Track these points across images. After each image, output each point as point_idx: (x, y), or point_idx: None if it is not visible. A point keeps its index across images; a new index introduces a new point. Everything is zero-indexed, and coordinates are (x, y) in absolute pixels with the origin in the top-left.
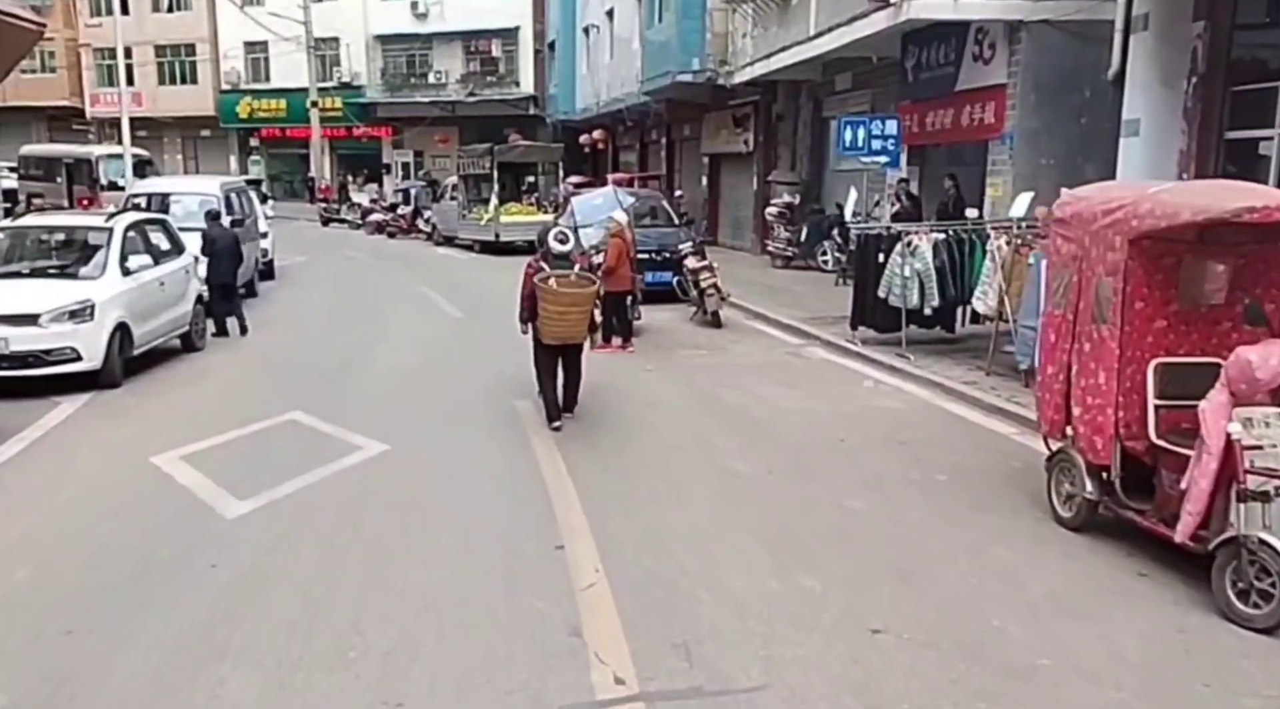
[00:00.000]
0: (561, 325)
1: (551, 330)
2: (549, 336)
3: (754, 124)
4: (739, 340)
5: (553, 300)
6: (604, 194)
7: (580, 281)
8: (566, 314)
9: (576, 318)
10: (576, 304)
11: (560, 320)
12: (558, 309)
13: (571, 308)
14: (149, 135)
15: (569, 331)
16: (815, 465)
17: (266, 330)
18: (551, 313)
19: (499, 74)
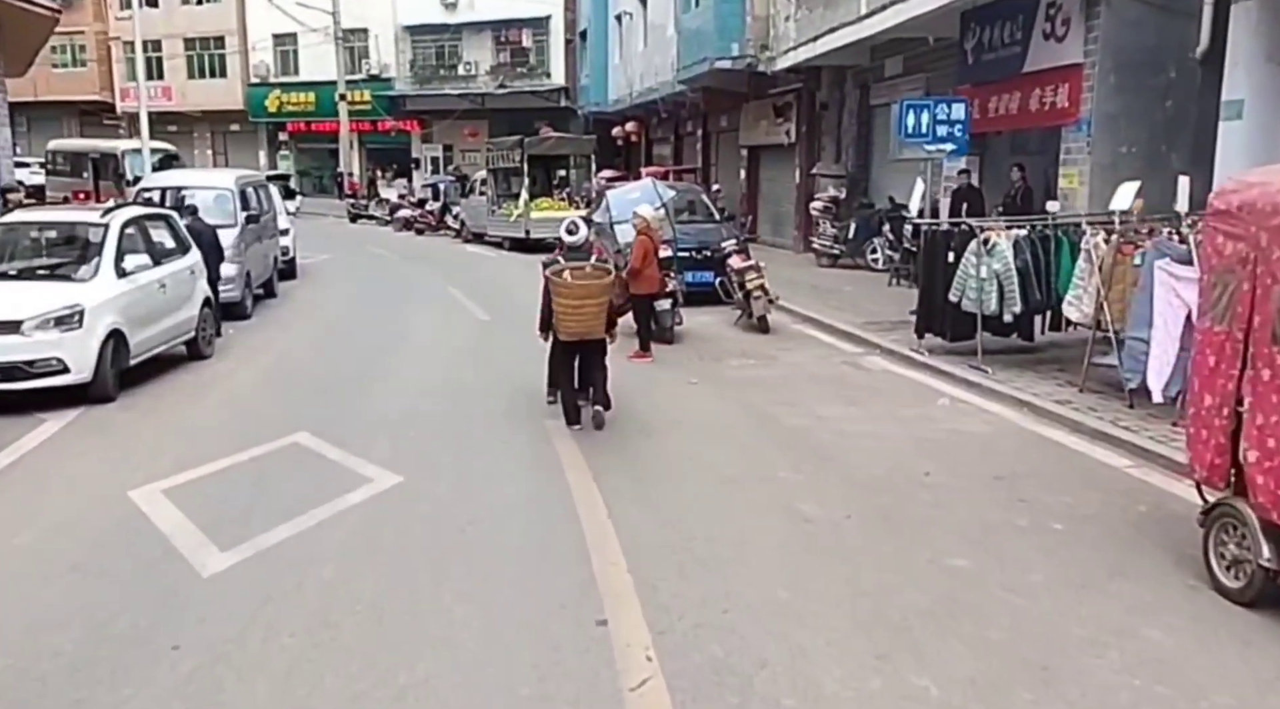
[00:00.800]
0: (577, 320)
1: (567, 326)
2: (565, 333)
3: (796, 114)
4: (790, 348)
5: (566, 294)
6: (641, 187)
7: (594, 272)
8: (581, 307)
9: (592, 311)
10: (590, 296)
11: (575, 315)
12: (571, 303)
13: (586, 300)
14: (179, 130)
15: (585, 326)
16: (900, 508)
17: (281, 334)
18: (566, 307)
19: (529, 65)
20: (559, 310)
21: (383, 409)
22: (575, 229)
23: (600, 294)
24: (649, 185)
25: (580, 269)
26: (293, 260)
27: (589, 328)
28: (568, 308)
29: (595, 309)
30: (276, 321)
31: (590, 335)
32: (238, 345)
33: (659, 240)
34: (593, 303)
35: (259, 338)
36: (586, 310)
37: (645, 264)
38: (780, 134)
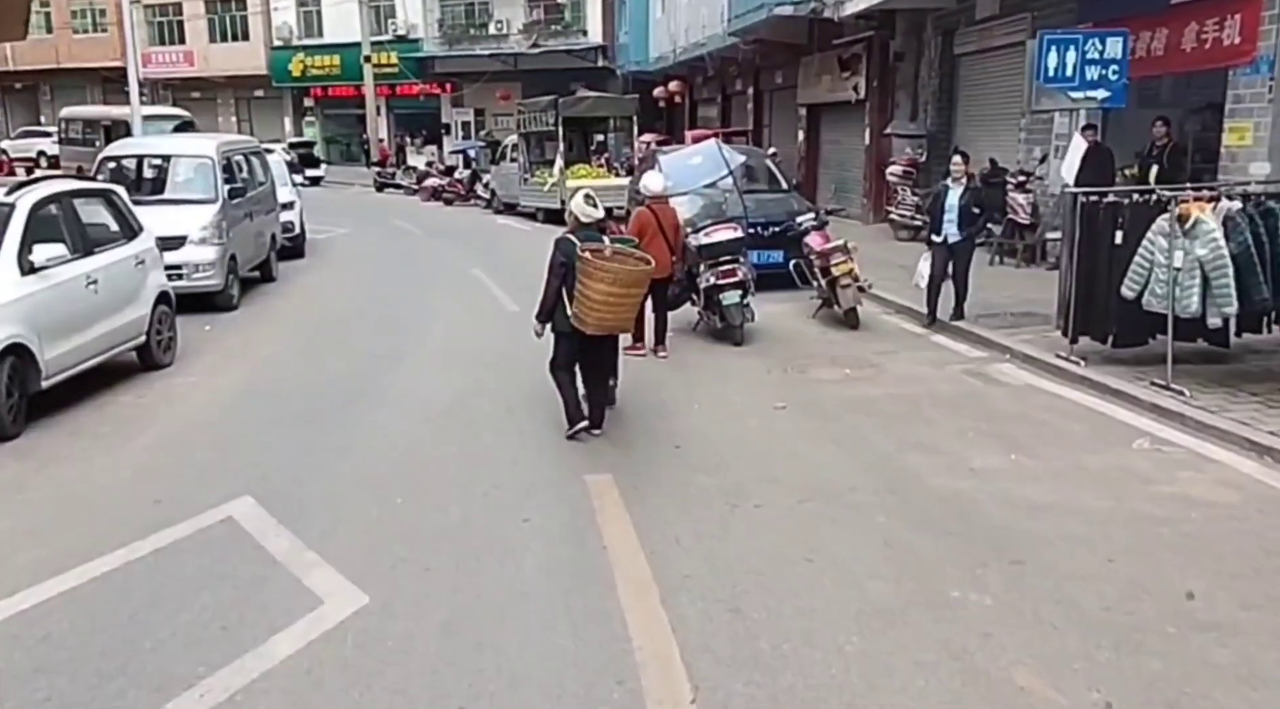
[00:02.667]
0: (614, 313)
1: (598, 317)
2: (593, 325)
3: (865, 67)
4: (893, 351)
5: (608, 279)
6: (704, 152)
7: (639, 258)
8: (625, 298)
9: (631, 304)
10: (637, 284)
11: (612, 306)
12: (614, 291)
13: (631, 290)
14: (202, 97)
15: (618, 320)
16: (1175, 675)
17: (267, 333)
18: (603, 295)
19: (564, 23)
20: (591, 297)
21: (367, 455)
22: (595, 202)
23: (642, 286)
24: (713, 149)
25: (628, 254)
26: (299, 237)
27: (621, 323)
28: (606, 297)
29: (634, 302)
30: (266, 314)
31: (619, 330)
32: (209, 348)
33: (672, 215)
34: (636, 294)
35: (238, 337)
36: (627, 302)
37: (647, 243)
38: (846, 90)
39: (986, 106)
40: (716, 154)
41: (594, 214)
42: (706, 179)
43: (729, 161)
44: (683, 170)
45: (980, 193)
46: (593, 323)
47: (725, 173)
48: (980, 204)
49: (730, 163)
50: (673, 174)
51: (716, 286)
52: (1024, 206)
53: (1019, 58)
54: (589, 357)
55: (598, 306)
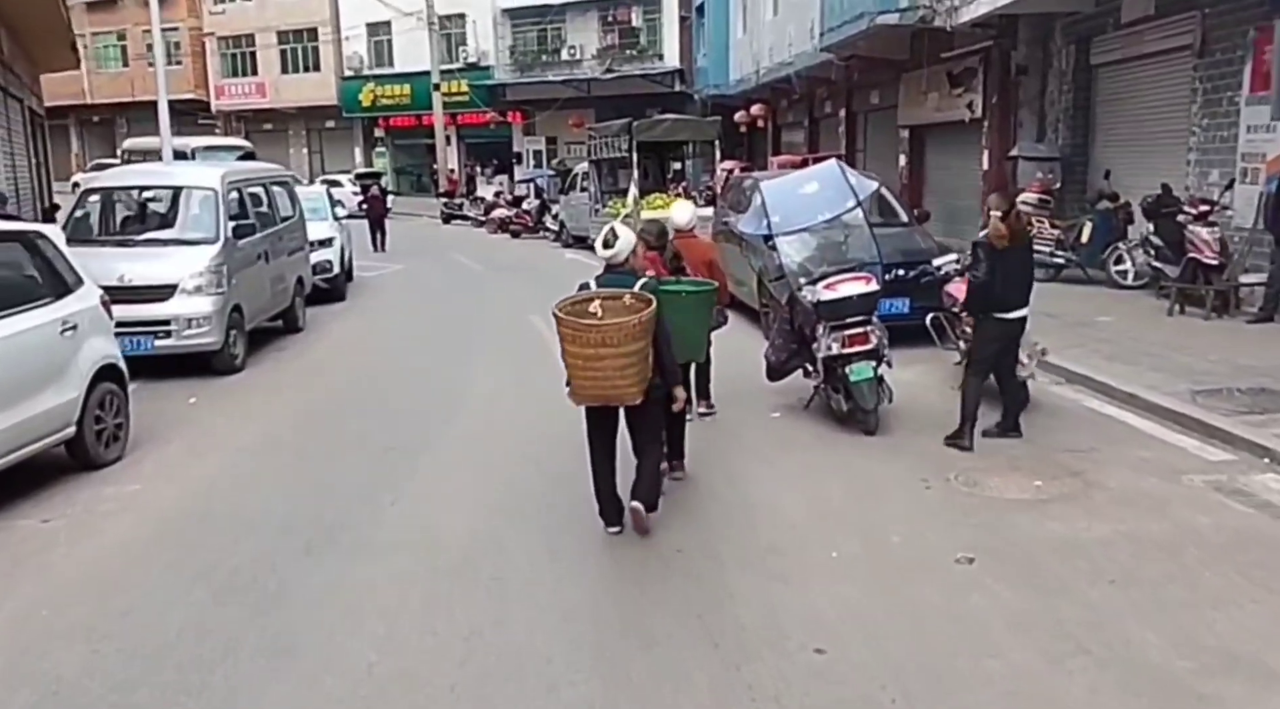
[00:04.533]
0: (590, 377)
1: (579, 384)
2: (580, 394)
3: (983, 81)
4: (1093, 450)
5: (573, 337)
6: (822, 176)
7: (628, 304)
8: (597, 359)
9: (613, 364)
10: (607, 343)
11: (589, 370)
12: (581, 351)
13: (602, 350)
14: (274, 128)
15: (602, 388)
16: None
17: (264, 408)
18: (575, 357)
19: (640, 46)
20: (569, 362)
21: (322, 670)
22: (611, 239)
23: (627, 340)
24: (834, 172)
25: (615, 298)
26: (337, 277)
27: (609, 390)
28: (580, 359)
29: (619, 362)
30: (271, 380)
31: (614, 401)
32: (179, 433)
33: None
34: (612, 354)
35: (222, 416)
36: (603, 365)
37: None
38: (958, 108)
39: (1134, 124)
40: (839, 179)
41: (607, 255)
42: (826, 213)
43: (857, 189)
44: (792, 201)
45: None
46: (576, 390)
47: (853, 204)
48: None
49: (859, 191)
50: (779, 206)
51: (842, 357)
52: (1209, 243)
53: (1181, 65)
54: (629, 422)
55: (574, 371)
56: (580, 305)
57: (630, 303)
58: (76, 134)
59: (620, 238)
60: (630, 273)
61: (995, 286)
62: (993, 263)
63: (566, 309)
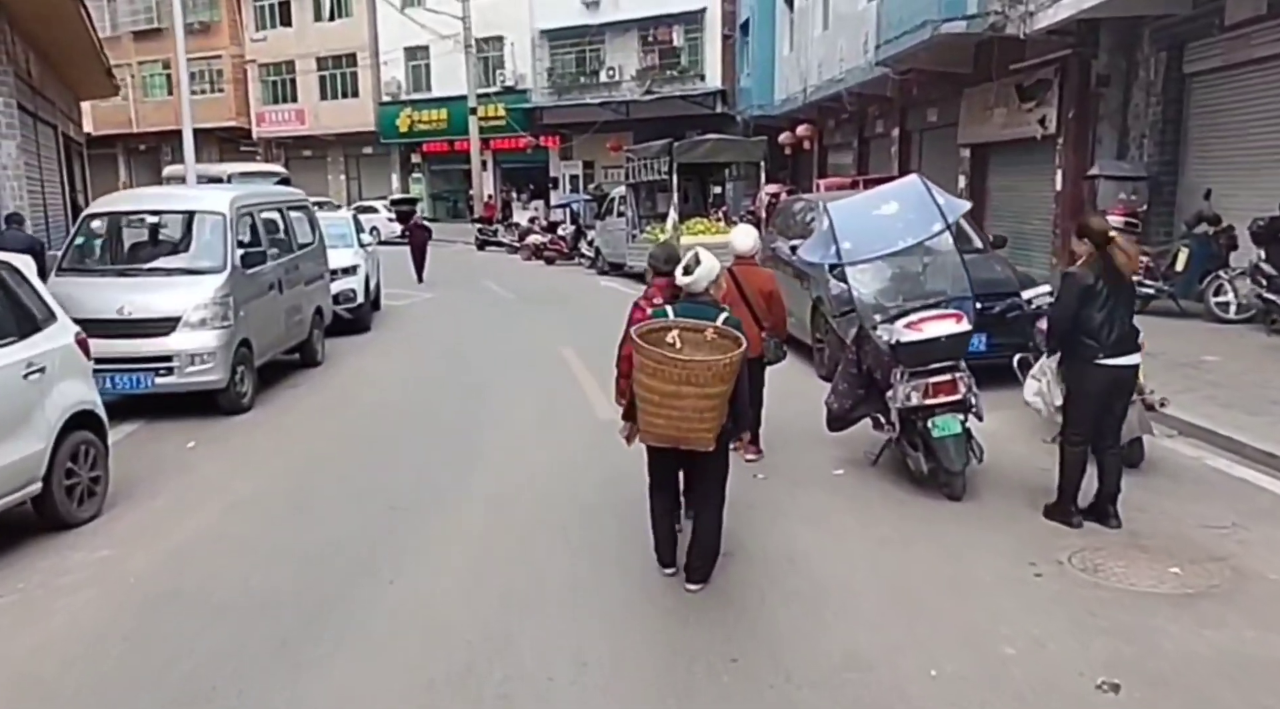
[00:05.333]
0: (666, 416)
1: (651, 422)
2: (648, 432)
3: (1059, 94)
4: (1238, 528)
5: (655, 370)
6: (902, 195)
7: (718, 340)
8: (677, 398)
9: (694, 405)
10: (693, 381)
11: (666, 408)
12: (662, 387)
13: (683, 387)
14: (313, 155)
15: (678, 428)
16: None
17: (262, 454)
18: (653, 392)
19: (680, 67)
20: (641, 395)
21: None
22: (691, 266)
23: (714, 381)
24: (916, 190)
25: (696, 330)
26: (362, 307)
27: (685, 432)
28: (655, 394)
29: (700, 403)
30: (280, 420)
31: (686, 443)
32: (169, 484)
33: (761, 280)
34: (694, 393)
35: (221, 462)
36: (683, 403)
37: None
38: (1028, 124)
39: (1236, 139)
40: (923, 198)
41: (688, 283)
42: (907, 238)
43: (945, 210)
44: (866, 224)
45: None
46: (646, 428)
47: (940, 228)
48: None
49: (948, 211)
50: (850, 230)
51: (923, 408)
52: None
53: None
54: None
55: (648, 408)
56: (657, 333)
57: (712, 338)
58: (124, 162)
59: (702, 264)
60: (712, 304)
61: (1100, 323)
62: (1095, 296)
63: (645, 336)
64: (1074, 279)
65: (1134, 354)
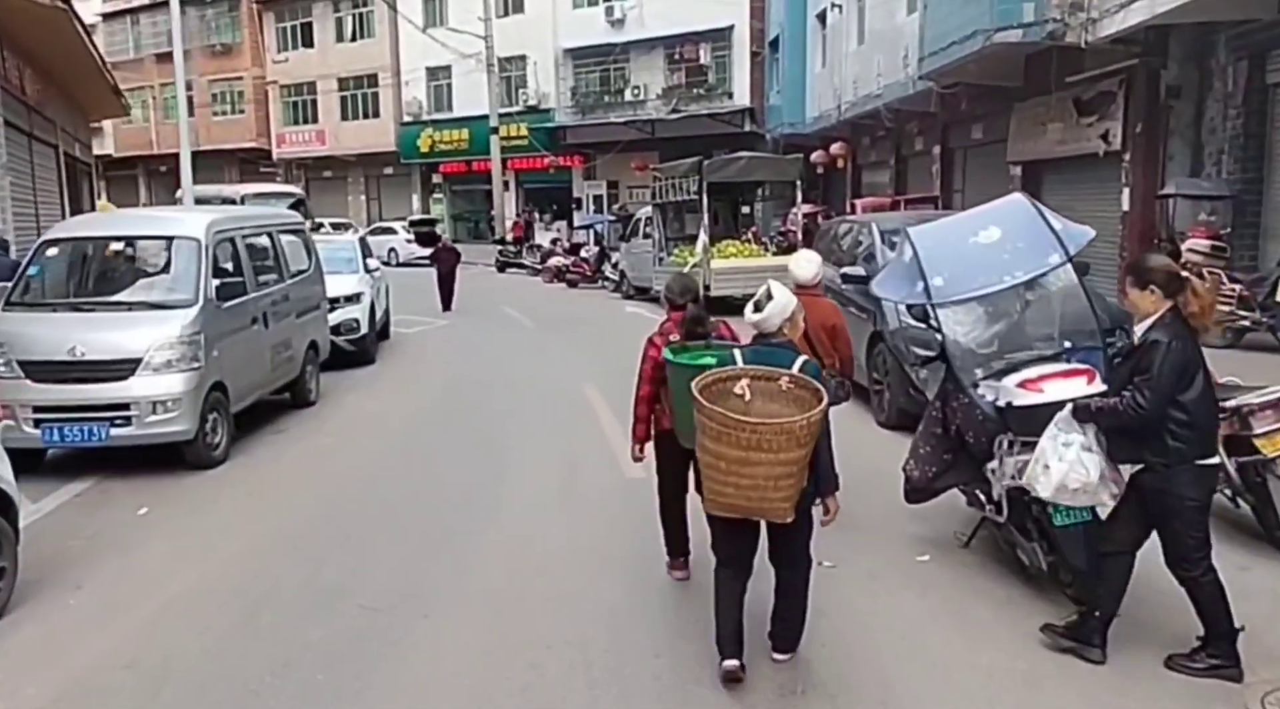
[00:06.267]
0: (732, 484)
1: (717, 492)
2: (714, 502)
3: (1124, 107)
4: None
5: (718, 433)
6: (1004, 217)
7: (791, 392)
8: (745, 463)
9: (766, 472)
10: (764, 447)
11: (733, 476)
12: (726, 451)
13: (754, 453)
14: (334, 176)
15: (748, 498)
16: None
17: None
18: (717, 457)
19: (708, 85)
20: (706, 461)
21: None
22: (761, 303)
23: (790, 445)
24: (1025, 212)
25: (769, 379)
26: (364, 338)
27: (757, 502)
28: (722, 461)
29: (775, 470)
30: (256, 478)
31: (759, 515)
32: (100, 569)
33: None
34: (768, 460)
35: (173, 539)
36: (755, 471)
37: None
38: (1089, 140)
39: None
40: (1034, 223)
41: (759, 320)
42: (1015, 272)
43: (1064, 238)
44: (960, 253)
45: None
46: (713, 498)
47: (1058, 260)
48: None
49: (1068, 240)
50: (942, 261)
51: None
52: None
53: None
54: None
55: (714, 474)
56: (723, 383)
57: (788, 387)
58: (145, 183)
59: (774, 299)
60: (787, 346)
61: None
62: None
63: (707, 389)
64: (1173, 353)
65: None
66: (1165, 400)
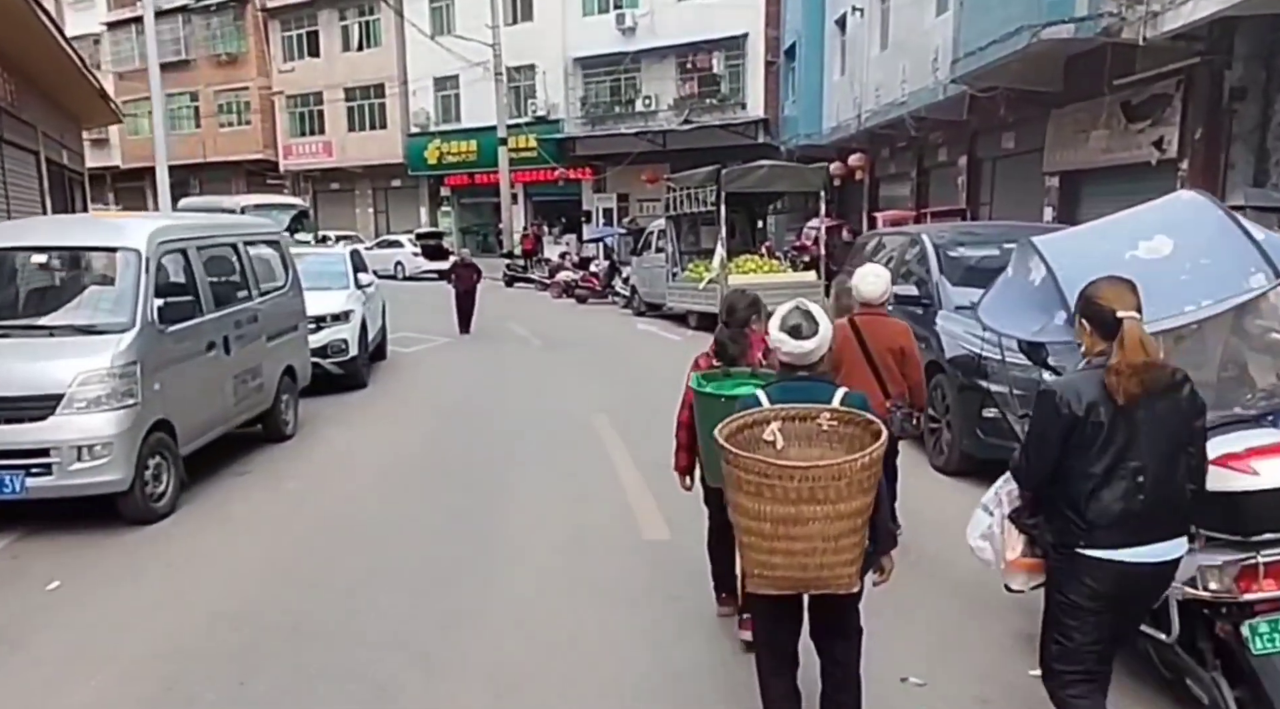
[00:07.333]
0: (784, 550)
1: (764, 565)
2: (762, 579)
3: (1181, 111)
4: None
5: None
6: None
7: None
8: (797, 523)
9: (823, 530)
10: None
11: (782, 541)
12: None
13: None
14: (341, 188)
15: (805, 567)
16: None
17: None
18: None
19: (720, 95)
20: (745, 526)
21: None
22: (804, 329)
23: (849, 492)
24: (1206, 212)
25: (805, 418)
26: (354, 360)
27: (817, 572)
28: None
29: (832, 527)
30: (201, 539)
31: (821, 586)
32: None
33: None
34: (823, 514)
35: (80, 627)
36: (809, 530)
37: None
38: (1139, 147)
39: None
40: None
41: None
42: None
43: (1269, 250)
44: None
45: None
46: (754, 571)
47: (1266, 281)
48: None
49: (1273, 253)
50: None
51: (1237, 607)
52: None
53: None
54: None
55: (754, 541)
56: (749, 430)
57: (830, 426)
58: (151, 194)
59: (821, 326)
60: (823, 379)
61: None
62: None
63: (734, 438)
64: (1051, 400)
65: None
66: (1044, 459)
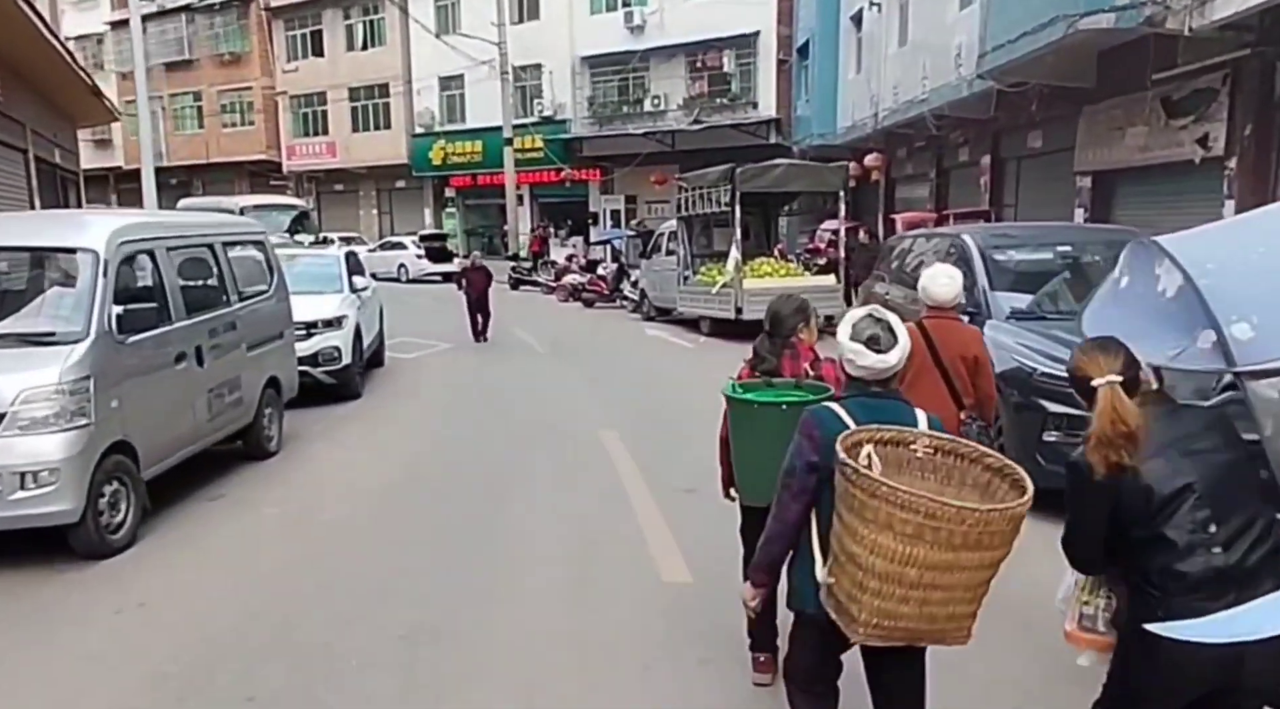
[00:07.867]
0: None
1: (890, 613)
2: (878, 628)
3: (1227, 106)
4: None
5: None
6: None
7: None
8: (949, 570)
9: (966, 579)
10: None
11: (923, 589)
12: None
13: (965, 553)
14: (345, 189)
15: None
16: None
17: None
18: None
19: (731, 94)
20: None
21: None
22: (883, 341)
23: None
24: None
25: (899, 443)
26: (346, 369)
27: (943, 623)
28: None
29: (978, 575)
30: (159, 576)
31: (935, 639)
32: None
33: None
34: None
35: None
36: (956, 579)
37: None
38: (1182, 145)
39: None
40: None
41: (878, 364)
42: None
43: None
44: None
45: None
46: (868, 616)
47: None
48: None
49: None
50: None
51: None
52: None
53: None
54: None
55: (886, 586)
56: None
57: (924, 454)
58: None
59: (900, 335)
60: (900, 397)
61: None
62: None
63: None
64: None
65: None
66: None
